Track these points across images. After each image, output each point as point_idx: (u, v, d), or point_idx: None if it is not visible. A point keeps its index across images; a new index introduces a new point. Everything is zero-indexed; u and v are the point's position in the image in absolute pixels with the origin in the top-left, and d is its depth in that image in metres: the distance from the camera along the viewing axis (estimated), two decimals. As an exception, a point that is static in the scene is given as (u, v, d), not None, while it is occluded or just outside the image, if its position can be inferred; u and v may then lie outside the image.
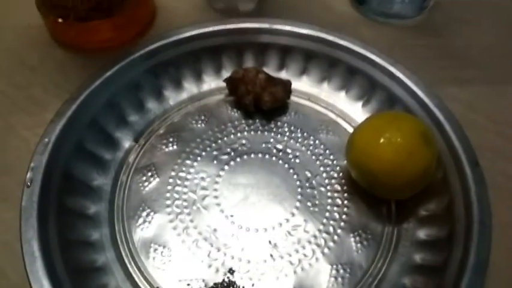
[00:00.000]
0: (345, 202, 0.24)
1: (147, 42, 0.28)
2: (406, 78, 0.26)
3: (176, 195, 0.25)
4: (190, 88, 0.29)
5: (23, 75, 0.29)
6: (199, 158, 0.26)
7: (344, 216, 0.24)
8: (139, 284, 0.22)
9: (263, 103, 0.27)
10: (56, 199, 0.22)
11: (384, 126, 0.22)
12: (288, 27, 0.29)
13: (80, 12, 0.27)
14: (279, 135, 0.27)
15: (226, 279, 0.22)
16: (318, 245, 0.23)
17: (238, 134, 0.27)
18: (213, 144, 0.27)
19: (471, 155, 0.23)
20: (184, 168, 0.26)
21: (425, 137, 0.22)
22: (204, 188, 0.25)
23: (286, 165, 0.26)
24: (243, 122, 0.28)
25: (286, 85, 0.28)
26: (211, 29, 0.29)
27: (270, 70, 0.29)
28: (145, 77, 0.27)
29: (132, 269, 0.22)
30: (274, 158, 0.26)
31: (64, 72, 0.29)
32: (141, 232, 0.23)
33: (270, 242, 0.23)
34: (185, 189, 0.25)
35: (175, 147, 0.26)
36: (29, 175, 0.22)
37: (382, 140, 0.21)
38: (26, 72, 0.29)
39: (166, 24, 0.32)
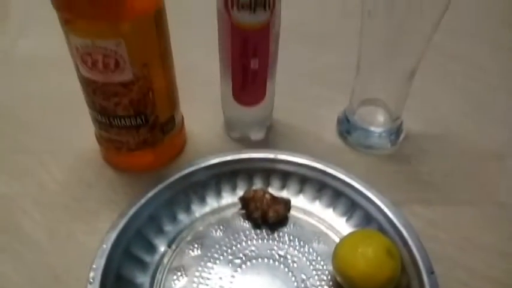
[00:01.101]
0: (332, 301, 0.31)
1: (181, 167, 0.36)
2: (379, 201, 0.34)
3: (199, 292, 0.31)
4: (212, 203, 0.37)
5: (82, 190, 0.37)
6: (217, 262, 0.33)
7: (331, 313, 0.31)
8: None
9: (269, 218, 0.35)
10: (110, 294, 0.29)
11: (359, 243, 0.29)
12: (287, 157, 0.37)
13: (130, 145, 0.36)
14: (280, 244, 0.34)
15: None
16: (311, 336, 0.29)
17: (249, 242, 0.34)
18: (229, 250, 0.34)
19: (428, 265, 0.30)
20: (206, 270, 0.33)
21: (390, 253, 0.29)
22: (221, 287, 0.32)
23: (286, 269, 0.33)
24: (253, 232, 0.35)
25: (287, 203, 0.36)
26: (229, 158, 0.37)
27: (274, 189, 0.37)
28: (179, 195, 0.35)
29: None
30: (276, 263, 0.33)
31: (114, 189, 0.38)
32: (172, 322, 0.30)
33: (272, 332, 0.30)
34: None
35: (199, 251, 0.34)
36: (91, 274, 0.29)
37: (357, 254, 0.29)
38: (84, 188, 0.38)
39: (194, 149, 0.41)
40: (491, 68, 0.50)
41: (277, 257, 0.33)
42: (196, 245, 0.34)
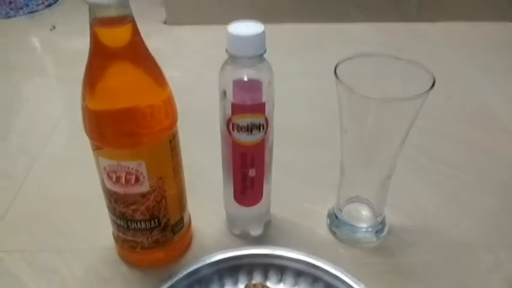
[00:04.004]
0: None
1: (187, 264, 0.41)
2: (365, 293, 0.39)
3: None
4: (215, 297, 0.41)
5: (100, 287, 0.42)
6: None
7: None
8: None
9: (267, 310, 0.39)
10: None
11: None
12: (283, 253, 0.42)
13: (144, 245, 0.41)
14: (278, 335, 0.38)
15: None
16: None
17: (249, 334, 0.38)
18: None
19: None
20: None
21: None
22: None
23: None
24: (253, 324, 0.39)
25: (283, 296, 0.40)
26: (231, 254, 0.42)
27: (272, 283, 0.41)
28: (186, 291, 0.40)
29: None
30: None
31: (128, 284, 0.42)
32: None
33: None
34: None
35: None
36: None
37: None
38: (101, 284, 0.42)
39: (200, 245, 0.46)
40: (465, 167, 0.56)
41: None
42: (201, 338, 0.38)
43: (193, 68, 0.78)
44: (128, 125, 0.35)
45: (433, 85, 0.36)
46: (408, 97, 0.36)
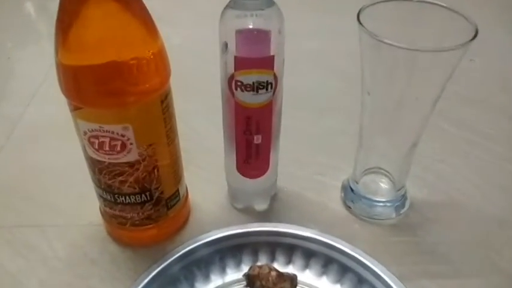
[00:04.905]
0: None
1: (184, 242, 0.36)
2: (386, 277, 0.33)
3: None
4: (216, 280, 0.36)
5: (85, 267, 0.37)
6: None
7: None
8: None
9: (274, 296, 0.34)
10: None
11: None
12: (292, 231, 0.37)
13: (134, 221, 0.36)
14: (287, 323, 0.33)
15: None
16: None
17: (254, 321, 0.34)
18: (234, 331, 0.33)
19: None
20: None
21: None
22: None
23: None
24: (258, 310, 0.34)
25: (293, 280, 0.35)
26: (233, 232, 0.37)
27: (280, 264, 0.37)
28: (182, 273, 0.35)
29: None
30: None
31: (117, 264, 0.37)
32: None
33: None
34: None
35: (203, 333, 0.33)
36: None
37: None
38: (87, 264, 0.37)
39: (198, 220, 0.41)
40: (493, 135, 0.50)
41: (283, 338, 0.33)
42: (200, 326, 0.33)
43: (187, 22, 0.71)
44: (110, 81, 0.29)
45: (475, 35, 0.30)
46: (445, 47, 0.30)
